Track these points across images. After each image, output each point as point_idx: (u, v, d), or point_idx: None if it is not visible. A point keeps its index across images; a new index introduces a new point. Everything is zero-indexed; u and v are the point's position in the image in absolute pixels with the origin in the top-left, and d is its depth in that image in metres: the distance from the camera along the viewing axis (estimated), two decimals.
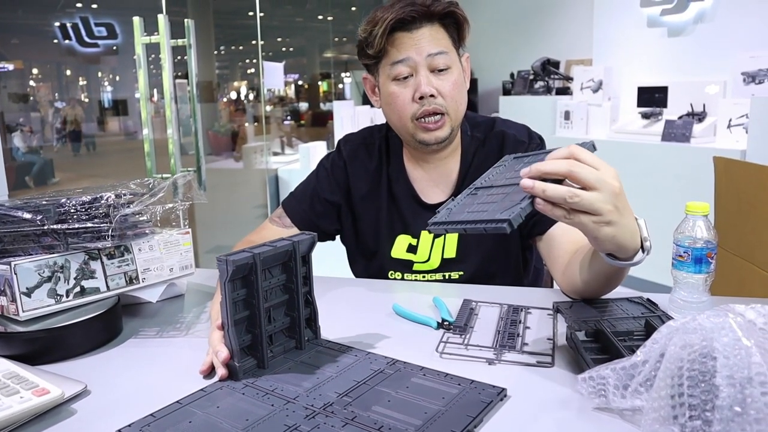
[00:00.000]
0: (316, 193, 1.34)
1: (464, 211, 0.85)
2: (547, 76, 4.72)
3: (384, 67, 1.20)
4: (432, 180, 1.30)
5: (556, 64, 4.85)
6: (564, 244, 1.14)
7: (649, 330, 0.87)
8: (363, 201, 1.34)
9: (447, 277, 1.28)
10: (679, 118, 3.63)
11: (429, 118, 1.19)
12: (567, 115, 4.28)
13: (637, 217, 0.87)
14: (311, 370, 0.84)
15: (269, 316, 0.88)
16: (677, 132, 3.54)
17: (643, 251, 0.87)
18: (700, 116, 3.58)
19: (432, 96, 1.16)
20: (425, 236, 1.28)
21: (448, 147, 1.27)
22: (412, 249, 1.30)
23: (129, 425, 0.72)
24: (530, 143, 1.25)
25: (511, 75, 5.38)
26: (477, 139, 1.29)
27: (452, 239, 1.27)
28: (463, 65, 1.24)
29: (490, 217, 0.77)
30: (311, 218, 1.33)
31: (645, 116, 3.87)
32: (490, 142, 1.28)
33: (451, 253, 1.27)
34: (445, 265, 1.28)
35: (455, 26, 1.21)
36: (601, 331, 0.86)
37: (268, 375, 0.84)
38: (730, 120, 3.38)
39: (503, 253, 1.28)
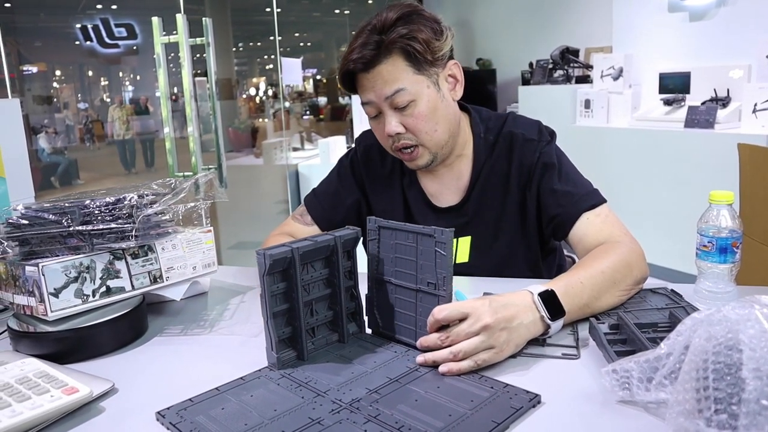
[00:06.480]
0: (338, 193, 1.35)
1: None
2: (566, 65, 4.66)
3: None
4: (443, 184, 1.28)
5: (576, 53, 4.79)
6: (579, 246, 1.16)
7: (673, 321, 0.86)
8: (378, 204, 1.34)
9: None
10: (703, 104, 3.57)
11: (404, 150, 1.18)
12: (587, 104, 4.23)
13: (531, 291, 0.88)
14: (349, 364, 0.86)
15: (311, 309, 0.90)
16: (701, 118, 3.47)
17: (552, 320, 0.88)
18: (724, 102, 3.51)
19: (399, 133, 1.15)
20: None
21: (451, 156, 1.24)
22: None
23: (168, 408, 0.75)
24: (540, 140, 1.22)
25: (530, 65, 5.32)
26: (489, 141, 1.26)
27: (464, 243, 1.26)
28: (446, 77, 1.17)
29: None
30: (332, 218, 1.33)
31: (667, 103, 3.81)
32: (499, 144, 1.25)
33: (463, 257, 1.26)
34: (457, 269, 1.26)
35: (416, 52, 1.11)
36: (624, 323, 0.86)
37: (306, 366, 0.86)
38: (756, 105, 3.30)
39: (519, 257, 1.26)
